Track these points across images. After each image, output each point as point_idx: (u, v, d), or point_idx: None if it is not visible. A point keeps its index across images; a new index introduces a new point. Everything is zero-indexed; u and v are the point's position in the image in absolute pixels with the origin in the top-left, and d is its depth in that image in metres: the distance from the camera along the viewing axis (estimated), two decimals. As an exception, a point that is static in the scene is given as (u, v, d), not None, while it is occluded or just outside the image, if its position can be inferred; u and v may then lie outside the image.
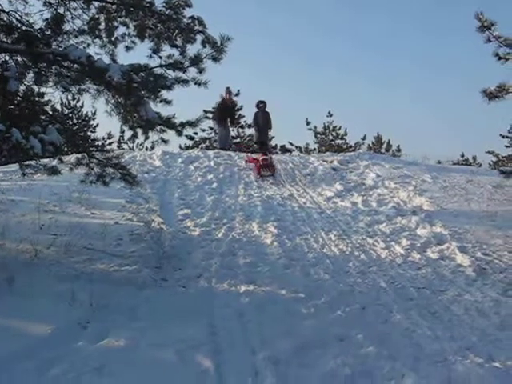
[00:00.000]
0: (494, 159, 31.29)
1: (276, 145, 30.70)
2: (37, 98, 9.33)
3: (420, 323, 7.39)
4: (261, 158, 16.12)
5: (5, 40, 8.32)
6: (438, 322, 7.51)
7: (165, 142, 9.13)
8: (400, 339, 6.92)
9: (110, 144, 30.77)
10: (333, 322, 7.28)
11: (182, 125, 8.92)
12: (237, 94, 26.62)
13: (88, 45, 9.29)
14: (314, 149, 31.81)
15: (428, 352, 6.58)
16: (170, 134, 9.03)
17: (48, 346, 6.15)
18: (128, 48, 9.61)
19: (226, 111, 21.61)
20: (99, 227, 10.35)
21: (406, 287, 8.64)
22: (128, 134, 29.31)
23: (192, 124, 9.02)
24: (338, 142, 32.20)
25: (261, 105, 21.47)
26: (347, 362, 6.20)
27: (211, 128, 28.60)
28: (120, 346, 6.28)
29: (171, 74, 8.68)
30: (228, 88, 21.84)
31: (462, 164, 28.43)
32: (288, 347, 6.43)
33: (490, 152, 31.25)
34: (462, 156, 31.83)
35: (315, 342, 6.60)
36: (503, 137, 30.87)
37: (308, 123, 32.33)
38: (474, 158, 31.92)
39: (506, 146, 31.10)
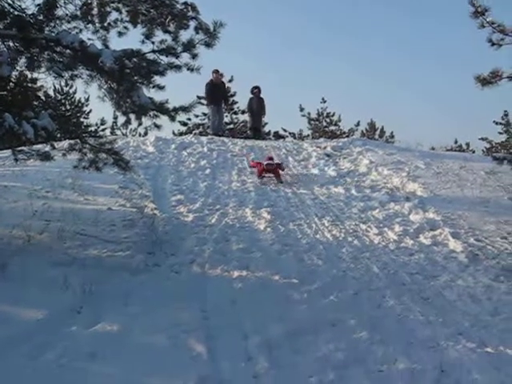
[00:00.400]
0: (488, 146, 31.32)
1: (270, 131, 30.69)
2: (29, 84, 9.29)
3: (412, 308, 7.42)
4: (265, 162, 14.48)
5: (-3, 25, 8.28)
6: (431, 307, 7.54)
7: (158, 127, 9.12)
8: (392, 324, 6.94)
9: (103, 130, 30.67)
10: (325, 307, 7.30)
11: (175, 110, 8.90)
12: (230, 80, 26.66)
13: (80, 30, 9.21)
14: (308, 135, 31.81)
15: (420, 337, 6.61)
16: (163, 120, 9.01)
17: (41, 331, 6.14)
18: (120, 33, 9.55)
19: (216, 92, 21.30)
20: (92, 213, 10.33)
21: (398, 273, 8.66)
22: (121, 120, 29.26)
23: (185, 109, 9.00)
24: (332, 128, 32.19)
25: (255, 90, 21.51)
26: (340, 347, 6.22)
27: (205, 114, 28.51)
28: (113, 331, 6.28)
29: (164, 59, 8.64)
30: (216, 69, 21.49)
31: (456, 150, 28.44)
32: (281, 332, 6.45)
33: (483, 138, 31.29)
34: (456, 142, 31.87)
35: (308, 328, 6.62)
36: (496, 123, 30.93)
37: (302, 109, 32.34)
38: (468, 145, 31.97)
39: (500, 133, 31.16)
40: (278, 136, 30.05)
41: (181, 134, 28.42)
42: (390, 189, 13.24)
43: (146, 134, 26.75)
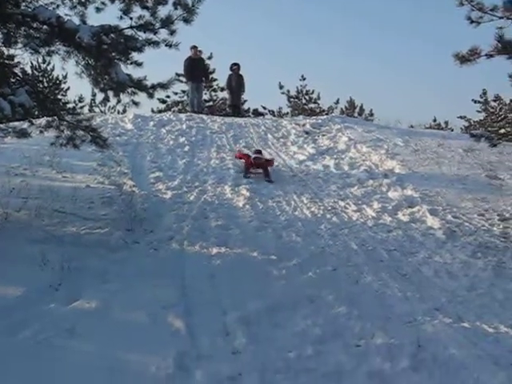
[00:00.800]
0: (466, 124, 31.40)
1: (249, 108, 30.59)
2: (6, 61, 9.18)
3: (390, 284, 7.48)
4: (253, 156, 13.05)
5: (-28, 0, 8.17)
6: (408, 283, 7.61)
7: (136, 104, 9.07)
8: (370, 300, 7.00)
9: (81, 108, 30.35)
10: (304, 283, 7.35)
11: (154, 87, 8.87)
12: (209, 57, 26.40)
13: (58, 6, 9.06)
14: (287, 113, 31.68)
15: (398, 312, 6.68)
16: (142, 97, 8.97)
17: (19, 308, 6.13)
18: (98, 9, 9.41)
19: (195, 68, 21.07)
20: (70, 190, 10.28)
21: (376, 249, 8.72)
22: (99, 97, 29.03)
23: (163, 86, 8.96)
24: (311, 105, 32.09)
25: (234, 67, 21.40)
26: (318, 322, 6.27)
27: (183, 91, 28.34)
28: (91, 308, 6.29)
29: (142, 35, 8.59)
30: (194, 45, 21.24)
31: (434, 128, 28.50)
32: (259, 308, 6.49)
33: (461, 117, 31.31)
34: (434, 121, 31.87)
35: (286, 303, 6.67)
36: (475, 102, 30.96)
37: (281, 87, 32.12)
38: (446, 123, 31.97)
39: (478, 111, 31.22)
40: (257, 113, 29.91)
41: (160, 111, 28.21)
42: (369, 166, 13.26)
43: (124, 111, 26.56)
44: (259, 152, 13.46)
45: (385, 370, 5.46)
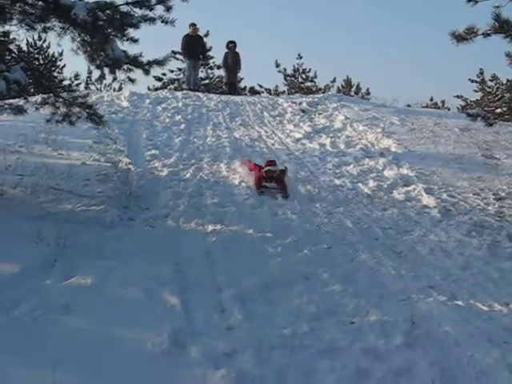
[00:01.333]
0: (463, 103, 31.40)
1: (245, 86, 30.52)
2: (1, 37, 9.13)
3: (385, 262, 7.51)
4: (265, 169, 10.56)
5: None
6: (403, 261, 7.64)
7: (132, 81, 9.05)
8: (365, 278, 7.03)
9: (77, 85, 30.27)
10: (299, 260, 7.37)
11: (150, 63, 8.83)
12: (206, 35, 26.27)
13: (52, -18, 9.04)
14: (284, 91, 31.63)
15: (392, 290, 6.71)
16: (138, 74, 8.93)
17: (15, 284, 6.12)
18: (94, -15, 9.38)
19: (193, 45, 21.06)
20: (66, 168, 10.24)
21: (371, 227, 8.74)
22: (95, 74, 28.96)
23: (159, 63, 8.92)
24: (308, 84, 32.05)
25: (231, 45, 21.34)
26: (313, 299, 6.29)
27: (180, 69, 28.30)
28: (87, 284, 6.28)
29: (138, 11, 8.53)
30: (193, 23, 21.17)
31: (431, 107, 28.49)
32: (254, 285, 6.51)
33: (458, 96, 31.34)
34: (431, 100, 31.91)
35: (281, 281, 6.69)
36: (472, 81, 30.96)
37: (277, 65, 32.09)
38: (443, 102, 32.02)
39: (475, 91, 31.22)
40: (253, 91, 29.88)
41: (156, 89, 28.17)
42: (365, 145, 13.27)
43: (120, 89, 26.50)
44: (272, 162, 10.88)
45: (379, 346, 5.48)
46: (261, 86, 31.48)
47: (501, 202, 9.94)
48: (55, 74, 29.88)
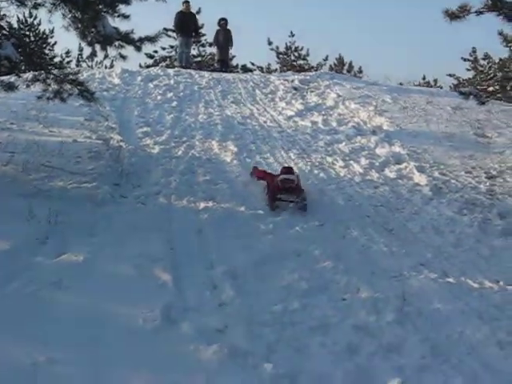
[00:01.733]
0: (455, 82, 31.33)
1: (237, 64, 30.41)
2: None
3: (376, 240, 7.54)
4: (281, 177, 8.74)
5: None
6: (394, 238, 7.67)
7: (123, 57, 9.03)
8: (356, 255, 7.07)
9: (68, 62, 30.10)
10: (291, 237, 7.39)
11: (141, 40, 8.81)
12: (198, 12, 26.10)
13: (43, -44, 8.95)
14: (276, 69, 31.49)
15: (383, 267, 6.75)
16: (129, 50, 8.92)
17: (6, 261, 6.11)
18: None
19: (186, 22, 20.98)
20: (57, 145, 10.21)
21: (363, 205, 8.76)
22: (87, 52, 28.78)
23: (151, 39, 8.90)
24: (300, 62, 31.92)
25: (222, 22, 21.26)
26: (304, 276, 6.31)
27: (172, 46, 28.17)
28: (78, 261, 6.29)
29: (129, -13, 8.49)
30: (186, 0, 21.06)
31: (423, 86, 28.44)
32: (246, 262, 6.53)
33: (450, 75, 31.23)
34: (424, 78, 31.80)
35: (273, 257, 6.71)
36: (464, 60, 30.84)
37: (270, 43, 31.93)
38: (436, 81, 31.92)
39: (467, 69, 31.13)
40: (245, 69, 29.75)
41: (147, 66, 28.00)
42: (357, 123, 13.23)
43: (111, 66, 26.38)
44: (289, 170, 9.13)
45: (370, 323, 5.53)
46: (253, 64, 31.36)
47: (492, 181, 9.95)
48: (46, 51, 29.69)
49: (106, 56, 9.29)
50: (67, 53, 29.85)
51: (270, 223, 7.77)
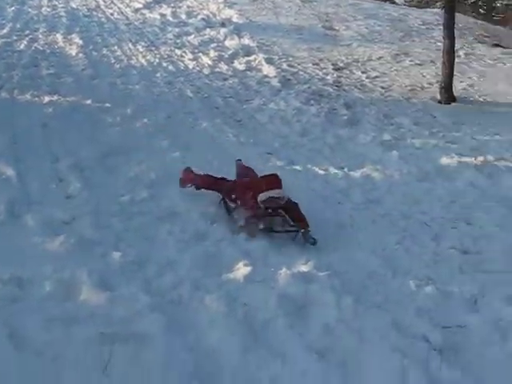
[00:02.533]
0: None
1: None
2: None
3: (225, 130, 7.62)
4: (262, 197, 5.28)
5: None
6: (243, 129, 7.78)
7: None
8: (206, 145, 7.07)
9: None
10: (139, 129, 7.34)
11: None
12: None
13: None
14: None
15: (232, 156, 6.75)
16: None
17: None
18: None
19: None
20: None
21: (212, 97, 8.79)
22: None
23: None
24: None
25: None
26: (152, 167, 6.24)
27: None
28: None
29: None
30: None
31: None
32: (93, 154, 6.40)
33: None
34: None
35: (120, 149, 6.59)
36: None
37: None
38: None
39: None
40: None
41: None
42: (206, 15, 13.12)
43: None
44: (274, 181, 5.46)
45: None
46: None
47: (339, 72, 10.18)
48: None
49: None
50: None
51: (117, 115, 7.64)
